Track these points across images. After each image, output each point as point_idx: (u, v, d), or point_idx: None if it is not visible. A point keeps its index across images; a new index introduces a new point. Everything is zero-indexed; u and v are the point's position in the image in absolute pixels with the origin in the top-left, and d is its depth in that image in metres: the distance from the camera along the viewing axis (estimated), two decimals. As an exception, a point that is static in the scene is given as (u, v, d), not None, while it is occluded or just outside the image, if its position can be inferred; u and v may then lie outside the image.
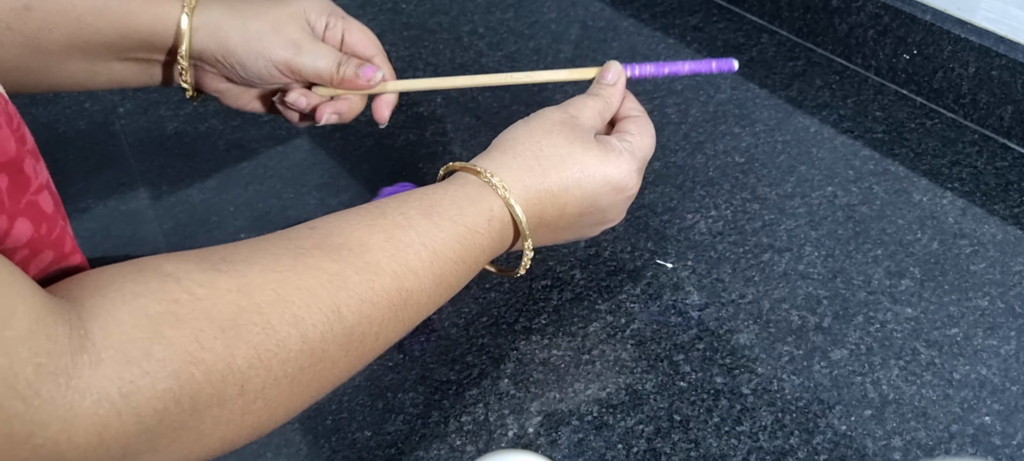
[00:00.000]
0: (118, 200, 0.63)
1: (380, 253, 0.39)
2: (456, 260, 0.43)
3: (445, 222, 0.42)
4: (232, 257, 0.36)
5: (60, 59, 0.50)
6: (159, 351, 0.31)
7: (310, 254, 0.38)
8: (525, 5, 0.83)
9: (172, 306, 0.32)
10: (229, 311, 0.33)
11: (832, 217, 0.59)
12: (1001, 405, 0.47)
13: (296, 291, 0.36)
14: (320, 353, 0.36)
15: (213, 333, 0.33)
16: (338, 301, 0.37)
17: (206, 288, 0.33)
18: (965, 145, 0.65)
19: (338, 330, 0.37)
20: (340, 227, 0.40)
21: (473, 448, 0.46)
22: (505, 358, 0.51)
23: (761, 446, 0.46)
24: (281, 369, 0.35)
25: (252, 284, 0.35)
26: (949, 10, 0.66)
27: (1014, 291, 0.53)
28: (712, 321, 0.53)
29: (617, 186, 0.47)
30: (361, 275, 0.38)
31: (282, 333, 0.35)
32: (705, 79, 0.73)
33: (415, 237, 0.41)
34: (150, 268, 0.33)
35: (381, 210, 0.42)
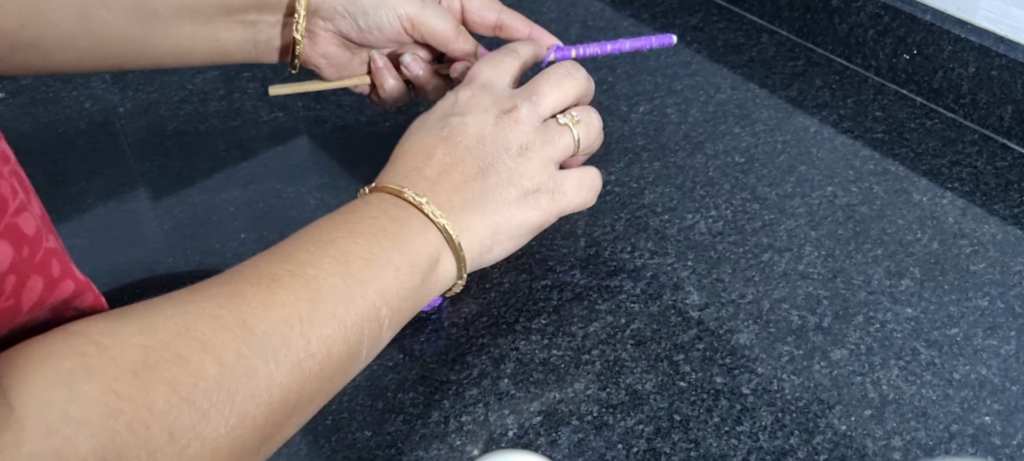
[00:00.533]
0: (118, 200, 0.63)
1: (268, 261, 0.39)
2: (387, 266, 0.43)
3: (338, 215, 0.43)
4: (135, 309, 0.35)
5: (167, 22, 0.49)
6: (76, 410, 0.30)
7: (203, 287, 0.37)
8: (525, 5, 0.83)
9: (81, 360, 0.31)
10: (137, 353, 0.32)
11: (832, 217, 0.59)
12: (1001, 405, 0.47)
13: (197, 319, 0.35)
14: (243, 370, 0.35)
15: (126, 380, 0.31)
16: (242, 315, 0.36)
17: (109, 337, 0.32)
18: (965, 145, 0.65)
19: (253, 342, 0.35)
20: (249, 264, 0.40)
21: (473, 448, 0.46)
22: (505, 358, 0.51)
23: (761, 446, 0.46)
24: (205, 399, 0.33)
25: (154, 322, 0.34)
26: (949, 10, 0.66)
27: (1014, 291, 0.53)
28: (712, 321, 0.53)
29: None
30: (256, 288, 0.37)
31: (194, 362, 0.33)
32: (705, 79, 0.73)
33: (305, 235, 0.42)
34: (59, 330, 0.32)
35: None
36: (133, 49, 0.49)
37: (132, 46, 0.49)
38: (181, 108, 0.72)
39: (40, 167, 0.65)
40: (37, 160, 0.66)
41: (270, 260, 0.40)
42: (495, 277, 0.56)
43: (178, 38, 0.50)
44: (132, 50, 0.49)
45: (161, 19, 0.48)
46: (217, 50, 0.52)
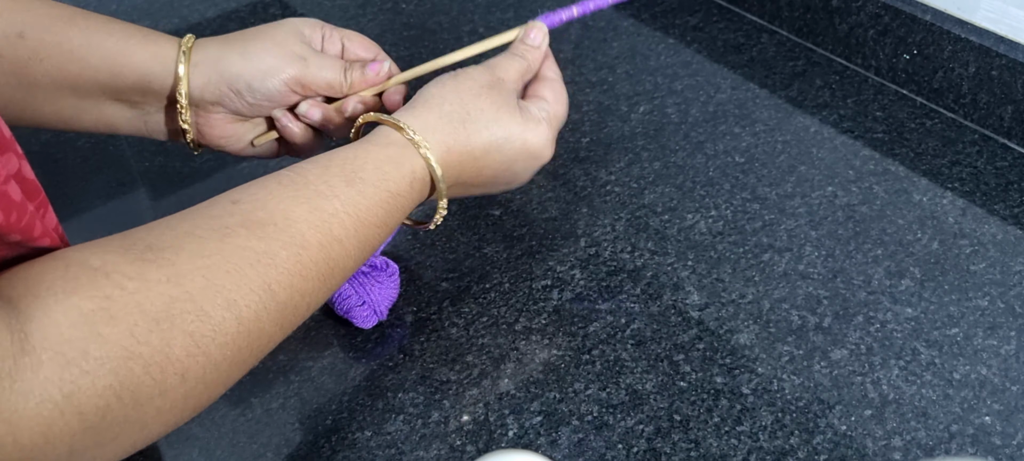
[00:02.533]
0: (118, 200, 0.63)
1: (305, 225, 0.40)
2: (379, 224, 0.44)
3: (368, 189, 0.43)
4: (157, 244, 0.35)
5: (49, 93, 0.49)
6: (96, 349, 0.31)
7: (236, 234, 0.38)
8: (525, 5, 0.83)
9: (104, 303, 0.32)
10: (161, 302, 0.33)
11: (832, 217, 0.59)
12: (1001, 405, 0.47)
13: (226, 274, 0.36)
14: (256, 331, 0.37)
15: (147, 326, 0.33)
16: (269, 279, 0.37)
17: (136, 281, 0.33)
18: (965, 145, 0.65)
19: (271, 307, 0.38)
20: (263, 200, 0.40)
21: (473, 448, 0.46)
22: (505, 358, 0.51)
23: (761, 446, 0.46)
24: (219, 353, 0.35)
25: (181, 272, 0.35)
26: (949, 10, 0.66)
27: (1014, 291, 0.53)
28: (712, 321, 0.53)
29: (533, 154, 0.49)
30: (288, 251, 0.38)
31: (217, 318, 0.35)
32: (705, 79, 0.73)
33: (339, 206, 0.41)
34: (77, 263, 0.33)
35: (304, 178, 0.42)
36: (16, 110, 0.49)
37: (14, 107, 0.48)
38: (181, 108, 0.72)
39: (40, 167, 0.65)
40: (37, 160, 0.66)
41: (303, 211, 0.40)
42: (495, 277, 0.56)
43: (60, 108, 0.50)
44: (15, 111, 0.49)
45: (41, 88, 0.48)
46: (104, 122, 0.52)
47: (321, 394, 0.49)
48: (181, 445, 0.47)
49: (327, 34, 0.54)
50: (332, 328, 0.53)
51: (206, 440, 0.47)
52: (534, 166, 0.50)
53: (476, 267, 0.57)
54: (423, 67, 0.54)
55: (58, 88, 0.49)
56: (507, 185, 0.51)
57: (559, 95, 0.52)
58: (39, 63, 0.47)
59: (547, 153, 0.50)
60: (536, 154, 0.49)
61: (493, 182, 0.50)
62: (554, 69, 0.53)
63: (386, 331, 0.53)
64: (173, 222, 0.38)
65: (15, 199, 0.32)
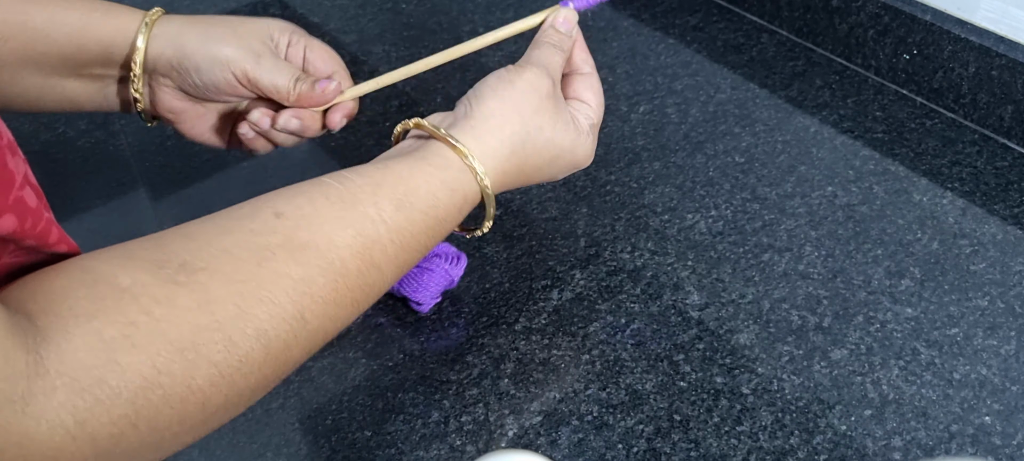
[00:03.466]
0: (118, 200, 0.63)
1: (348, 252, 0.38)
2: (420, 249, 0.42)
3: (416, 215, 0.41)
4: (192, 263, 0.34)
5: (12, 72, 0.48)
6: (114, 379, 0.30)
7: (275, 257, 0.36)
8: (525, 5, 0.83)
9: (128, 330, 0.31)
10: (188, 331, 0.32)
11: (832, 217, 0.59)
12: (1001, 405, 0.47)
13: (259, 303, 0.35)
14: (284, 359, 0.36)
15: (171, 356, 0.31)
16: (303, 308, 0.36)
17: (164, 307, 0.32)
18: (965, 145, 0.65)
19: (302, 335, 0.36)
20: (308, 218, 0.38)
21: (473, 448, 0.46)
22: (505, 358, 0.51)
23: (761, 446, 0.46)
24: (244, 382, 0.34)
25: (213, 298, 0.33)
26: (949, 10, 0.66)
27: (1014, 291, 0.53)
28: (712, 321, 0.53)
29: (576, 163, 0.49)
30: (326, 278, 0.37)
31: (244, 348, 0.34)
32: (705, 79, 0.73)
33: (384, 232, 0.40)
34: (104, 281, 0.32)
35: (354, 196, 0.40)
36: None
37: None
38: (181, 108, 0.72)
39: (40, 167, 0.65)
40: (37, 160, 0.66)
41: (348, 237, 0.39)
42: (495, 277, 0.56)
43: (25, 87, 0.50)
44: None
45: (6, 67, 0.48)
46: (66, 99, 0.51)
47: (321, 394, 0.49)
48: (181, 445, 0.47)
49: (293, 40, 0.53)
50: (332, 328, 0.53)
51: (206, 440, 0.47)
52: (574, 169, 0.49)
53: (476, 267, 0.57)
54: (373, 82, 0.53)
55: (23, 66, 0.49)
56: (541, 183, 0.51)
57: (598, 94, 0.50)
58: (3, 43, 0.47)
59: (590, 159, 0.49)
60: (580, 163, 0.49)
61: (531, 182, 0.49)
62: (589, 61, 0.51)
63: (386, 331, 0.53)
64: (212, 233, 0.36)
65: (31, 205, 0.31)
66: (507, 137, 0.45)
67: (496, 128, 0.45)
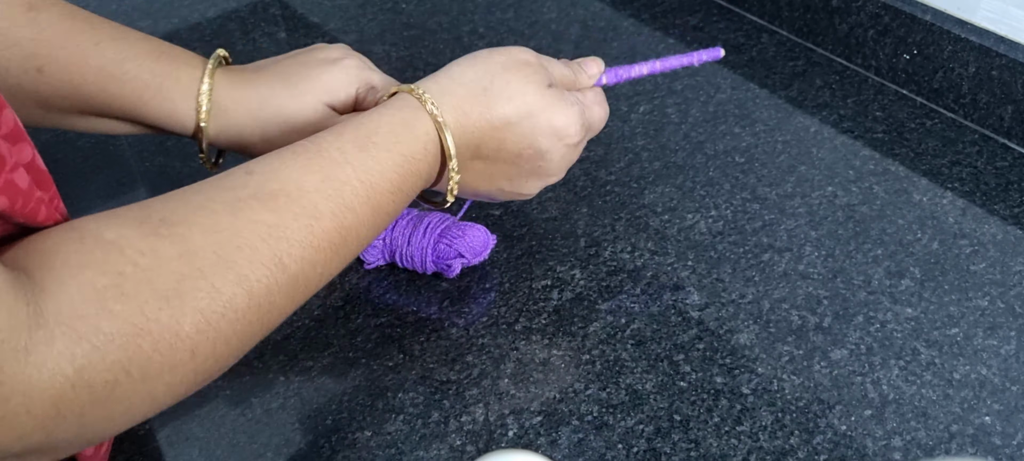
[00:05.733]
0: (118, 200, 0.63)
1: (317, 195, 0.39)
2: (393, 190, 0.43)
3: (381, 153, 0.42)
4: (171, 218, 0.36)
5: (72, 118, 0.50)
6: (107, 325, 0.31)
7: (248, 206, 0.38)
8: (525, 5, 0.83)
9: (117, 279, 0.32)
10: (172, 279, 0.34)
11: (832, 217, 0.59)
12: (1001, 405, 0.47)
13: (237, 249, 0.36)
14: (267, 305, 0.37)
15: (158, 304, 0.33)
16: (280, 252, 0.37)
17: (149, 257, 0.34)
18: (965, 145, 0.65)
19: (282, 280, 0.38)
20: (276, 170, 0.40)
21: (473, 448, 0.46)
22: (505, 358, 0.51)
23: (761, 446, 0.46)
24: (230, 328, 0.36)
25: (193, 248, 0.35)
26: (949, 10, 0.66)
27: (1014, 291, 0.53)
28: (712, 321, 0.52)
29: (558, 132, 0.47)
30: (300, 221, 0.38)
31: (227, 294, 0.35)
32: (705, 79, 0.73)
33: (351, 173, 0.41)
34: (91, 235, 0.34)
35: (317, 146, 0.41)
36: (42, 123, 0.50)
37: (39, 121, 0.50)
38: (181, 108, 0.72)
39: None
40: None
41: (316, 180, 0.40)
42: (495, 277, 0.56)
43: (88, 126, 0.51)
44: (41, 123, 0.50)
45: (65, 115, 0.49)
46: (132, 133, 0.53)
47: (321, 394, 0.49)
48: (181, 445, 0.47)
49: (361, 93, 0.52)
50: (332, 328, 0.53)
51: (206, 440, 0.47)
52: (560, 147, 0.48)
53: (476, 267, 0.57)
54: None
55: (83, 115, 0.50)
56: (536, 174, 0.49)
57: (599, 99, 0.51)
58: (62, 99, 0.48)
59: (573, 132, 0.48)
60: (560, 132, 0.47)
61: (517, 162, 0.48)
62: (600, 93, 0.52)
63: (386, 331, 0.53)
64: (188, 194, 0.38)
65: (21, 186, 0.33)
66: (467, 80, 0.46)
67: (457, 74, 0.47)
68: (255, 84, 0.51)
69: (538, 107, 0.46)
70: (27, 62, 0.47)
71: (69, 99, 0.48)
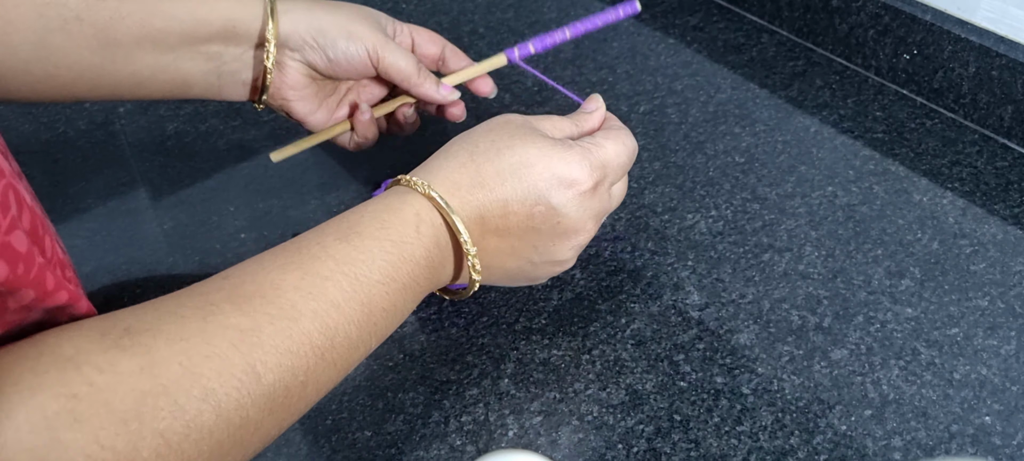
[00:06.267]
0: (118, 200, 0.63)
1: (296, 294, 0.36)
2: (384, 280, 0.39)
3: (366, 242, 0.39)
4: (136, 327, 0.33)
5: (128, 50, 0.47)
6: (56, 458, 0.29)
7: (220, 310, 0.34)
8: (525, 5, 0.83)
9: (70, 403, 0.30)
10: (132, 399, 0.31)
11: (832, 217, 0.59)
12: (1001, 405, 0.47)
13: (205, 359, 0.33)
14: (239, 421, 0.33)
15: (115, 429, 0.30)
16: (253, 361, 0.34)
17: (106, 374, 0.31)
18: (965, 145, 0.65)
19: (256, 393, 0.34)
20: (252, 272, 0.37)
21: (473, 448, 0.46)
22: (505, 358, 0.51)
23: (761, 446, 0.46)
24: (195, 451, 0.32)
25: (156, 360, 0.32)
26: (949, 10, 0.66)
27: (1014, 291, 0.53)
28: (712, 321, 0.53)
29: (564, 179, 0.44)
30: (276, 324, 0.35)
31: (192, 411, 0.32)
32: (705, 79, 0.73)
33: (334, 266, 0.38)
34: (49, 351, 0.31)
35: (297, 246, 0.39)
36: (90, 78, 0.47)
37: (89, 75, 0.47)
38: (181, 108, 0.72)
39: (40, 167, 0.65)
40: (37, 160, 0.66)
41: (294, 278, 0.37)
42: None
43: (138, 67, 0.48)
44: (88, 79, 0.47)
45: (122, 47, 0.47)
46: (178, 81, 0.50)
47: (321, 394, 0.49)
48: (181, 445, 0.47)
49: (399, 28, 0.56)
50: (332, 328, 0.53)
51: (206, 440, 0.47)
52: (578, 200, 0.44)
53: (476, 267, 0.57)
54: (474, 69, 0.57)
55: (139, 44, 0.48)
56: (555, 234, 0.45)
57: (614, 136, 0.47)
58: (121, 21, 0.46)
59: (584, 178, 0.44)
60: (569, 180, 0.44)
61: (531, 225, 0.44)
62: (616, 122, 0.50)
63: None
64: (160, 302, 0.35)
65: (20, 250, 0.30)
66: (453, 151, 0.45)
67: (441, 152, 0.46)
68: None
69: (533, 157, 0.43)
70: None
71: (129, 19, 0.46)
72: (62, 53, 0.46)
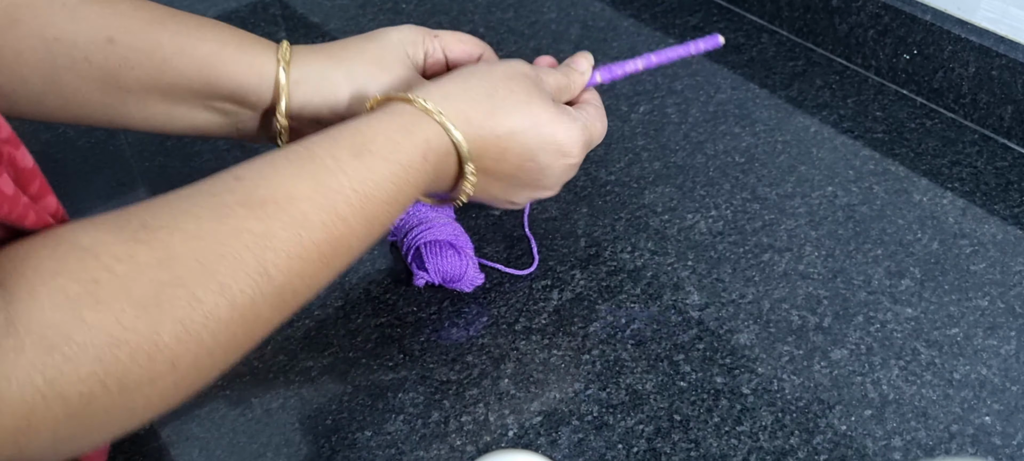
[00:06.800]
0: (118, 200, 0.63)
1: (308, 204, 0.38)
2: (388, 200, 0.41)
3: (377, 162, 0.40)
4: (152, 222, 0.34)
5: (139, 98, 0.47)
6: (80, 335, 0.30)
7: (234, 213, 0.36)
8: (525, 5, 0.83)
9: (91, 287, 0.31)
10: (151, 287, 0.32)
11: (832, 217, 0.59)
12: (1001, 405, 0.47)
13: (220, 258, 0.34)
14: (251, 316, 0.36)
15: (135, 313, 0.31)
16: (265, 262, 0.36)
17: (125, 263, 0.32)
18: (965, 145, 0.65)
19: (268, 291, 0.36)
20: (267, 176, 0.38)
21: (473, 448, 0.46)
22: (505, 358, 0.51)
23: (761, 446, 0.46)
24: (212, 339, 0.34)
25: (174, 255, 0.33)
26: (949, 10, 0.66)
27: (1014, 291, 0.53)
28: (712, 321, 0.53)
29: (561, 148, 0.47)
30: (288, 231, 0.37)
31: (209, 304, 0.33)
32: (705, 79, 0.73)
33: (345, 182, 0.39)
34: (67, 241, 0.32)
35: (310, 152, 0.40)
36: (104, 116, 0.48)
37: (103, 112, 0.48)
38: (181, 108, 0.72)
39: (40, 167, 0.65)
40: (37, 160, 0.66)
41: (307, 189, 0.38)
42: (495, 277, 0.56)
43: (150, 114, 0.49)
44: (103, 116, 0.48)
45: (132, 94, 0.47)
46: (197, 129, 0.50)
47: (321, 394, 0.49)
48: (181, 445, 0.47)
49: (429, 46, 0.52)
50: (332, 328, 0.53)
51: (206, 440, 0.47)
52: (559, 164, 0.47)
53: (476, 267, 0.57)
54: None
55: (149, 94, 0.47)
56: (533, 185, 0.48)
57: (600, 115, 0.50)
58: (129, 70, 0.46)
59: (575, 151, 0.47)
60: (563, 149, 0.47)
61: (516, 174, 0.47)
62: (597, 97, 0.51)
63: (386, 331, 0.53)
64: (173, 199, 0.36)
65: (7, 193, 0.32)
66: (471, 86, 0.45)
67: (460, 81, 0.45)
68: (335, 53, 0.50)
69: (544, 119, 0.46)
70: (97, 32, 0.45)
71: (138, 70, 0.46)
72: (73, 90, 0.46)
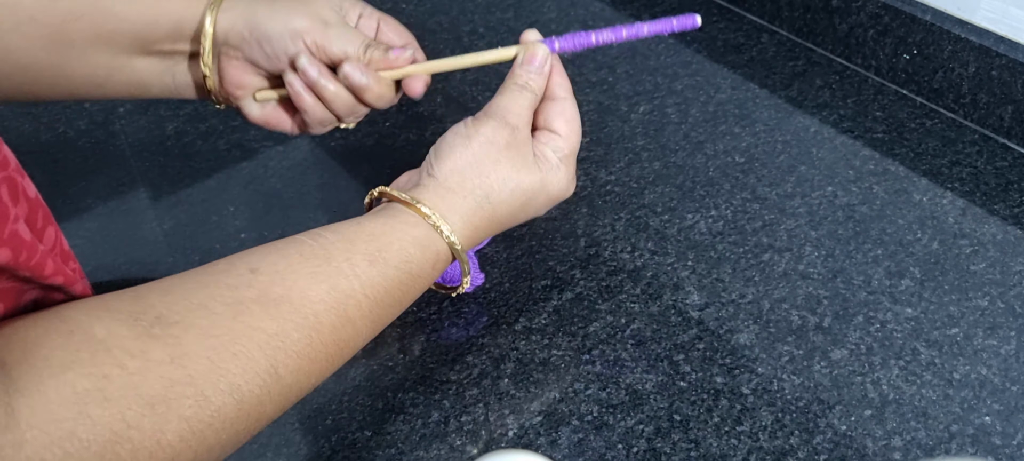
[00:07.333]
0: (118, 200, 0.63)
1: (321, 307, 0.39)
2: (395, 304, 0.43)
3: (390, 270, 0.42)
4: (168, 316, 0.34)
5: (83, 51, 0.48)
6: (83, 432, 0.30)
7: (249, 311, 0.36)
8: (525, 5, 0.83)
9: (101, 383, 0.31)
10: (160, 385, 0.32)
11: (832, 217, 0.59)
12: (1001, 405, 0.47)
13: (232, 357, 0.35)
14: (256, 414, 0.36)
15: (142, 410, 0.31)
16: (276, 363, 0.36)
17: (138, 360, 0.32)
18: (965, 145, 0.65)
19: (275, 390, 0.36)
20: (281, 273, 0.39)
21: (473, 448, 0.46)
22: (505, 358, 0.51)
23: (761, 446, 0.46)
24: (215, 437, 0.34)
25: (186, 352, 0.33)
26: (949, 10, 0.66)
27: (1014, 291, 0.53)
28: (712, 321, 0.52)
29: (554, 197, 0.49)
30: (301, 332, 0.37)
31: (217, 403, 0.34)
32: (705, 79, 0.73)
33: (358, 287, 0.40)
34: (81, 332, 0.32)
35: (327, 252, 0.41)
36: (47, 79, 0.49)
37: (46, 75, 0.48)
38: (181, 108, 0.72)
39: (40, 167, 0.65)
40: (37, 160, 0.66)
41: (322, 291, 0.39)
42: (495, 277, 0.56)
43: (93, 68, 0.49)
44: (46, 80, 0.49)
45: (76, 48, 0.48)
46: (135, 82, 0.51)
47: (321, 394, 0.49)
48: (181, 445, 0.47)
49: (365, 13, 0.53)
50: (332, 328, 0.53)
51: (206, 440, 0.47)
52: (553, 203, 0.50)
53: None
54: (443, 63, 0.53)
55: (93, 45, 0.48)
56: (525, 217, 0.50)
57: (572, 122, 0.50)
58: (75, 22, 0.47)
59: (569, 190, 0.50)
60: (557, 196, 0.49)
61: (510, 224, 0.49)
62: (564, 85, 0.51)
63: (386, 331, 0.53)
64: (189, 290, 0.36)
65: (25, 239, 0.31)
66: (469, 193, 0.46)
67: (457, 186, 0.46)
68: None
69: (535, 186, 0.48)
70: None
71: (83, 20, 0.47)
72: (19, 53, 0.47)
